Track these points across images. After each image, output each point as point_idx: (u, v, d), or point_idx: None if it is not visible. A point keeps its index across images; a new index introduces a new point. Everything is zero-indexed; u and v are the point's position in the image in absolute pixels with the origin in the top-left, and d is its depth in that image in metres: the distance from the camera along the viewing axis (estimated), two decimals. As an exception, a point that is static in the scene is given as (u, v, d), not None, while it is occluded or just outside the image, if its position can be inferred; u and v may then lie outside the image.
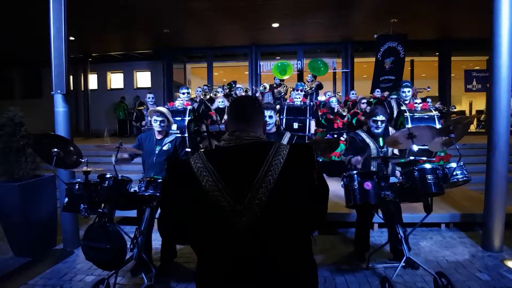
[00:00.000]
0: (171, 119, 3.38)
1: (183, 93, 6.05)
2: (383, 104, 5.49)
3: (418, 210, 3.42)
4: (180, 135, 4.97)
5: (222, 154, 1.13)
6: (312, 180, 1.12)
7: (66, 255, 3.65)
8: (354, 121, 6.40)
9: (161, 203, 1.21)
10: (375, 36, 9.07)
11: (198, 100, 6.94)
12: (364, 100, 6.77)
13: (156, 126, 3.28)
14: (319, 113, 6.62)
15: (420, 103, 5.00)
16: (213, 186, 1.04)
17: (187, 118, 5.20)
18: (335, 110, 6.45)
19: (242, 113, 1.22)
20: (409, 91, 5.10)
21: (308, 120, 5.62)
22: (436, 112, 4.89)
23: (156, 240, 3.49)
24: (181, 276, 3.19)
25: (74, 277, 3.17)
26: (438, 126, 4.55)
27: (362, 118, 6.31)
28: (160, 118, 3.26)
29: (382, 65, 9.25)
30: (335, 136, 6.23)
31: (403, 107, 4.94)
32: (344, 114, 6.42)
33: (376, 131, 3.28)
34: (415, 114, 4.76)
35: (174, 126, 5.10)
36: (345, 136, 6.11)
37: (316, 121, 6.28)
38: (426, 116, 4.76)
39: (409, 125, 4.55)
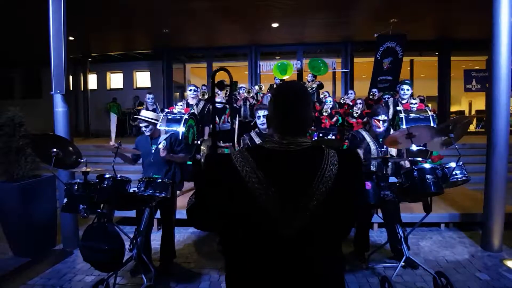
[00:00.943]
0: (154, 120, 3.29)
1: (190, 90, 6.11)
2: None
3: (418, 210, 3.42)
4: (175, 132, 4.94)
5: (272, 159, 1.04)
6: (358, 187, 1.11)
7: (66, 255, 3.65)
8: (340, 121, 6.47)
9: (196, 194, 1.14)
10: (375, 35, 9.06)
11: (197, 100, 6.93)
12: (360, 101, 6.79)
13: (145, 131, 3.27)
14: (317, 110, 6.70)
15: (416, 103, 4.99)
16: (262, 191, 0.98)
17: (181, 127, 5.17)
18: (323, 110, 6.52)
19: (293, 111, 1.08)
20: (408, 89, 5.08)
21: None
22: (432, 112, 4.86)
23: (156, 240, 3.49)
24: (180, 276, 3.19)
25: (74, 277, 3.17)
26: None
27: (352, 120, 6.38)
28: (144, 124, 3.23)
29: (381, 65, 9.24)
30: (321, 135, 6.27)
31: (399, 107, 4.92)
32: (325, 115, 6.46)
33: (378, 130, 3.28)
34: (410, 114, 4.75)
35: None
36: (331, 136, 6.16)
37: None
38: (421, 117, 4.74)
39: (404, 126, 4.53)
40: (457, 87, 11.86)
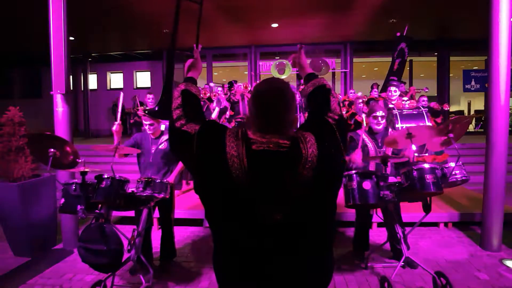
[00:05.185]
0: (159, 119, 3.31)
1: None
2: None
3: (417, 209, 3.42)
4: None
5: (255, 156, 1.01)
6: (340, 154, 1.09)
7: (66, 255, 3.65)
8: (352, 121, 6.42)
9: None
10: (398, 34, 8.92)
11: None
12: (360, 100, 6.79)
13: (147, 129, 3.27)
14: None
15: (407, 100, 5.02)
16: (241, 181, 0.97)
17: None
18: None
19: (273, 109, 1.04)
20: (395, 91, 5.12)
21: (298, 117, 5.77)
22: (424, 108, 4.87)
23: (156, 240, 3.49)
24: (180, 275, 3.20)
25: (74, 277, 3.17)
26: (427, 122, 4.58)
27: (360, 119, 6.35)
28: (148, 122, 3.22)
29: (393, 65, 9.16)
30: None
31: (391, 105, 4.94)
32: None
33: (377, 127, 3.28)
34: (403, 111, 4.76)
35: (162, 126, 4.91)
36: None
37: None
38: (415, 112, 4.75)
39: (399, 123, 4.55)
40: (456, 87, 11.89)
